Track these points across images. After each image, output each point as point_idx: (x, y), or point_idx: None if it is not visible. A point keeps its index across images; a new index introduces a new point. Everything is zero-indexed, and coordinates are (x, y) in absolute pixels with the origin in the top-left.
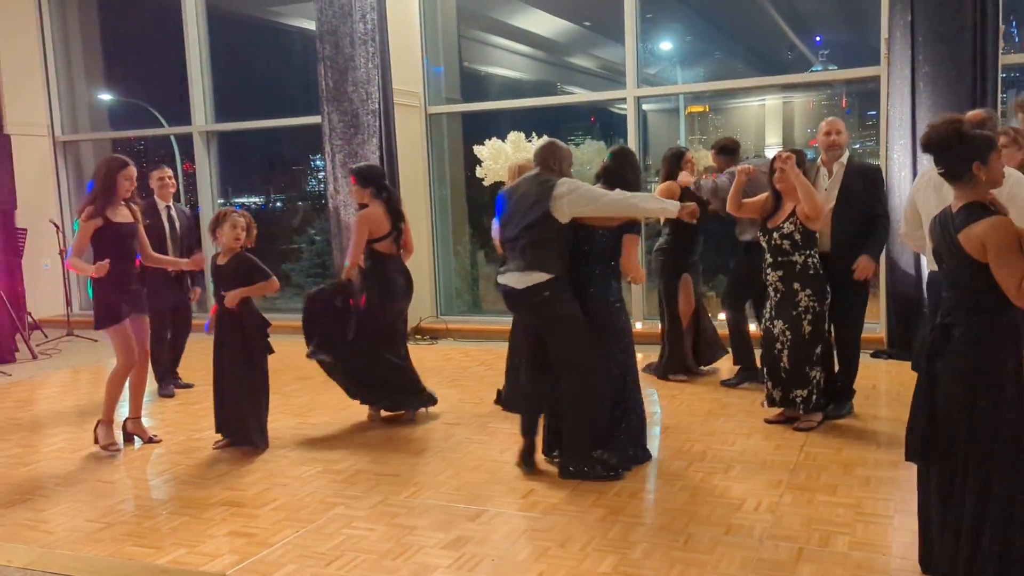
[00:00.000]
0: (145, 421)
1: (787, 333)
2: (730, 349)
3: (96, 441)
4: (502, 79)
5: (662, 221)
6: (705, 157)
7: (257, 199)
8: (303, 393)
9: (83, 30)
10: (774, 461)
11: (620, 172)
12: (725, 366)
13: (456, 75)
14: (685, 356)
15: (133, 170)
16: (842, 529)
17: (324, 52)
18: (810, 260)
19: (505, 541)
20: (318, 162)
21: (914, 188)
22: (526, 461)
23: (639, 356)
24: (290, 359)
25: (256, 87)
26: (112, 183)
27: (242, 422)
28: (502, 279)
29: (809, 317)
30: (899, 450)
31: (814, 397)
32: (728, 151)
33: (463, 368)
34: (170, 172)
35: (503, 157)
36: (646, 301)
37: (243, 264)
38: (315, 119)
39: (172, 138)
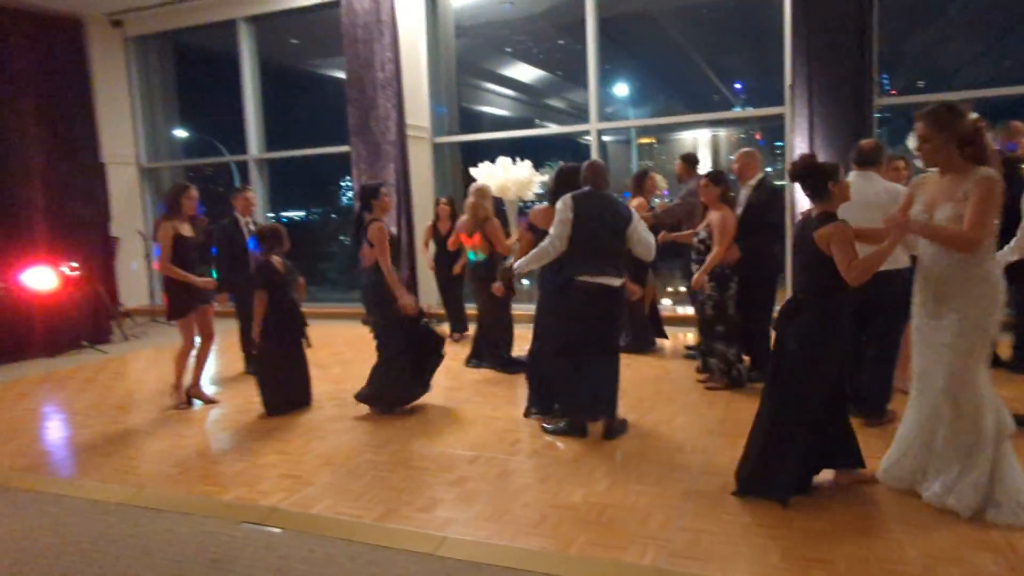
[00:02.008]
0: (216, 388)
1: (699, 314)
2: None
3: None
4: (492, 116)
5: None
6: (652, 179)
7: (299, 213)
8: (337, 366)
9: (162, 78)
10: (707, 414)
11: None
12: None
13: (456, 112)
14: (646, 336)
15: (194, 191)
16: None
17: (351, 95)
18: None
19: (497, 480)
20: (347, 183)
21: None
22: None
23: None
24: (327, 339)
25: (298, 123)
26: (178, 203)
27: (280, 392)
28: (596, 279)
29: (710, 303)
30: None
31: (724, 365)
32: (691, 161)
33: (464, 345)
34: (253, 193)
35: (493, 178)
36: None
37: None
38: (345, 148)
39: (232, 165)
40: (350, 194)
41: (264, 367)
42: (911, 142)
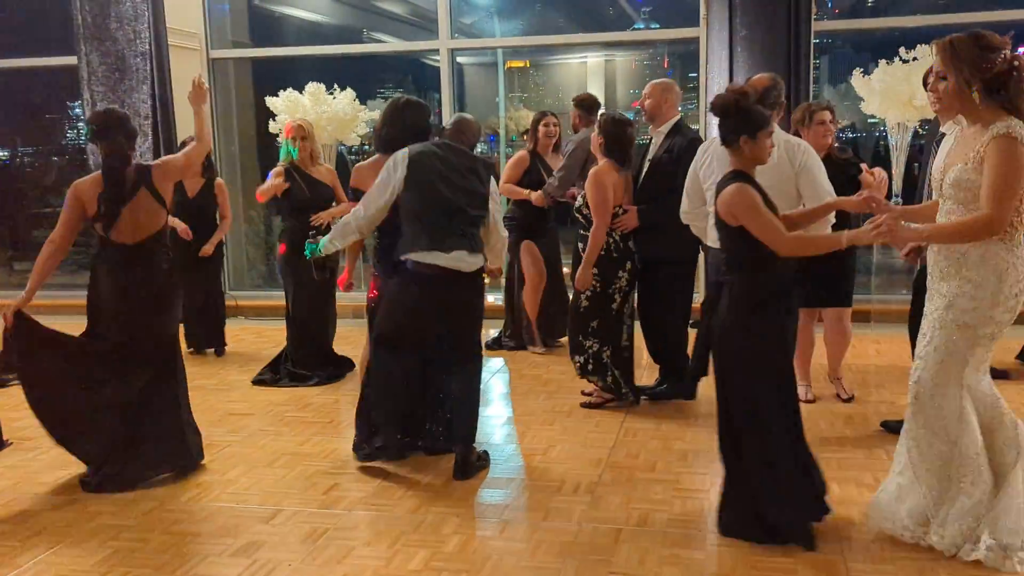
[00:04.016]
0: None
1: (572, 302)
2: None
3: None
4: (299, 22)
5: None
6: (525, 116)
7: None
8: None
9: None
10: (594, 440)
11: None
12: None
13: (244, 15)
14: (523, 329)
15: None
16: (660, 507)
17: None
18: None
19: (304, 543)
20: (77, 110)
21: (697, 159)
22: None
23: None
24: None
25: None
26: None
27: None
28: (443, 262)
29: (587, 293)
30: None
31: (590, 365)
32: (591, 107)
33: (257, 351)
34: None
35: (300, 111)
36: None
37: None
38: (71, 60)
39: None
40: (80, 126)
41: None
42: (858, 81)
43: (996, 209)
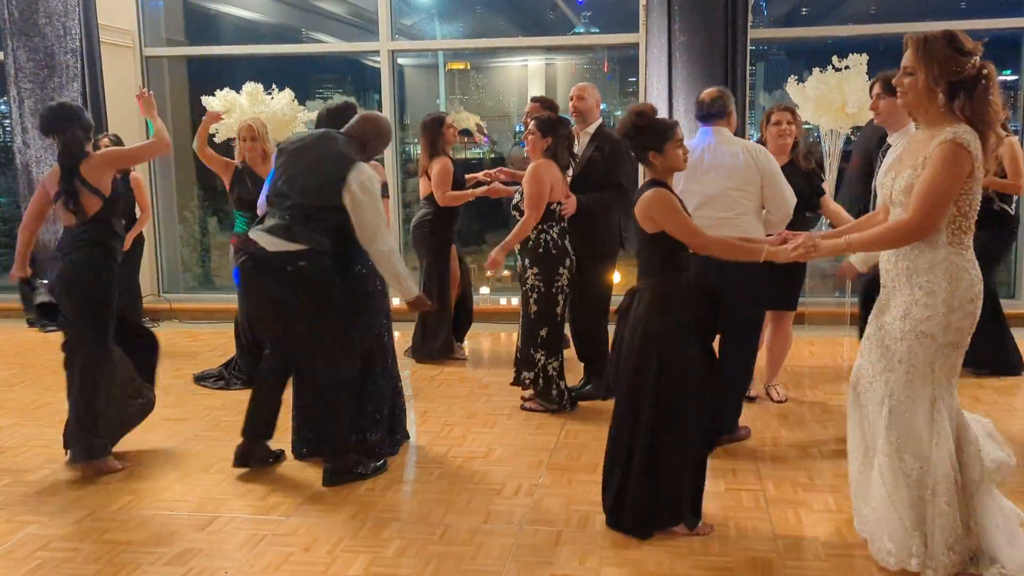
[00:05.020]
0: None
1: (521, 309)
2: None
3: None
4: (236, 20)
5: (422, 192)
6: (466, 119)
7: None
8: None
9: None
10: (535, 442)
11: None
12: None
13: (179, 12)
14: (450, 338)
15: None
16: (600, 508)
17: None
18: (543, 236)
19: (241, 550)
20: (3, 107)
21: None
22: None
23: (396, 335)
24: None
25: None
26: None
27: None
28: (255, 236)
29: (534, 296)
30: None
31: (541, 382)
32: (552, 107)
33: (191, 355)
34: None
35: (238, 111)
36: None
37: None
38: None
39: None
40: (6, 124)
41: None
42: (792, 88)
43: (922, 214)
